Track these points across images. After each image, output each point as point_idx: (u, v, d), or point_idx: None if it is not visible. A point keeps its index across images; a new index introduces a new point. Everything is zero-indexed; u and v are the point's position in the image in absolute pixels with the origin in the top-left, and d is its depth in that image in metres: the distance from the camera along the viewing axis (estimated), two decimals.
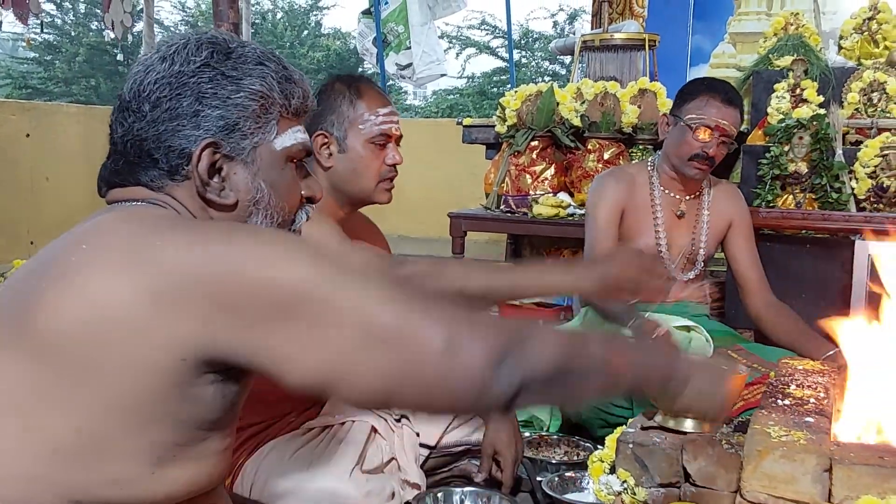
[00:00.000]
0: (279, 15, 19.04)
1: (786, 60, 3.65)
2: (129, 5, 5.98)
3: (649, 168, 2.66)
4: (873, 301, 1.85)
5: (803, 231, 3.31)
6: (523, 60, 17.21)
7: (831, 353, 2.34)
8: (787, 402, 1.66)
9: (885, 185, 3.24)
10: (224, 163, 1.04)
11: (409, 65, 7.23)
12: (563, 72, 15.38)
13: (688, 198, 2.64)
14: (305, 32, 18.86)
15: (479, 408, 0.97)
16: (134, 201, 1.04)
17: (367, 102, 1.88)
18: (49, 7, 16.26)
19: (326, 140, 1.87)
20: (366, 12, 7.46)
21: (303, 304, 0.89)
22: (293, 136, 1.10)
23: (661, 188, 2.62)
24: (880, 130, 3.37)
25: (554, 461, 2.23)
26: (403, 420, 2.04)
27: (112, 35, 6.38)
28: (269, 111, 1.06)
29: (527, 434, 2.37)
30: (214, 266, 0.90)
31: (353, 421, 1.88)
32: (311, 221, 1.78)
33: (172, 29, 17.11)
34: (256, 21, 17.24)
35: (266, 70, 1.06)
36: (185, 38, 1.06)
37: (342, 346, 0.90)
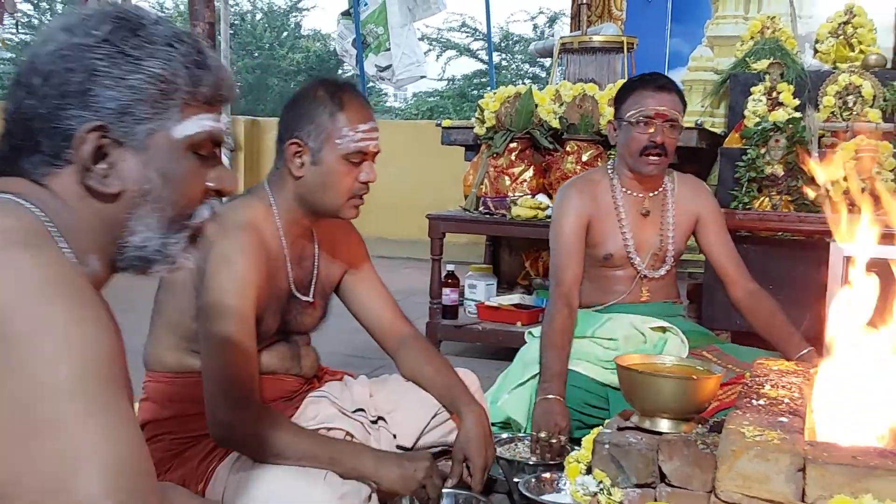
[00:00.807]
0: (258, 16, 18.99)
1: (762, 64, 3.68)
2: (105, 6, 5.93)
3: (609, 171, 2.67)
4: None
5: (779, 233, 3.33)
6: (503, 63, 17.28)
7: (805, 351, 2.36)
8: (761, 402, 1.66)
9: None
10: (112, 148, 0.95)
11: (389, 66, 7.23)
12: (544, 74, 15.42)
13: (651, 195, 2.65)
14: (285, 34, 18.82)
15: None
16: (7, 195, 0.93)
17: (349, 116, 1.80)
18: (26, 7, 16.14)
19: (300, 149, 1.80)
20: (345, 14, 7.46)
21: (38, 406, 0.78)
22: (198, 124, 0.99)
23: (623, 189, 2.63)
24: (855, 133, 3.40)
25: (531, 462, 2.23)
26: (381, 422, 2.02)
27: None
28: (171, 97, 0.97)
29: (504, 435, 2.37)
30: None
31: (329, 429, 1.86)
32: (236, 240, 1.71)
33: None
34: (235, 22, 17.18)
35: (173, 53, 0.96)
36: (93, 10, 0.97)
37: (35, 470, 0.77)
